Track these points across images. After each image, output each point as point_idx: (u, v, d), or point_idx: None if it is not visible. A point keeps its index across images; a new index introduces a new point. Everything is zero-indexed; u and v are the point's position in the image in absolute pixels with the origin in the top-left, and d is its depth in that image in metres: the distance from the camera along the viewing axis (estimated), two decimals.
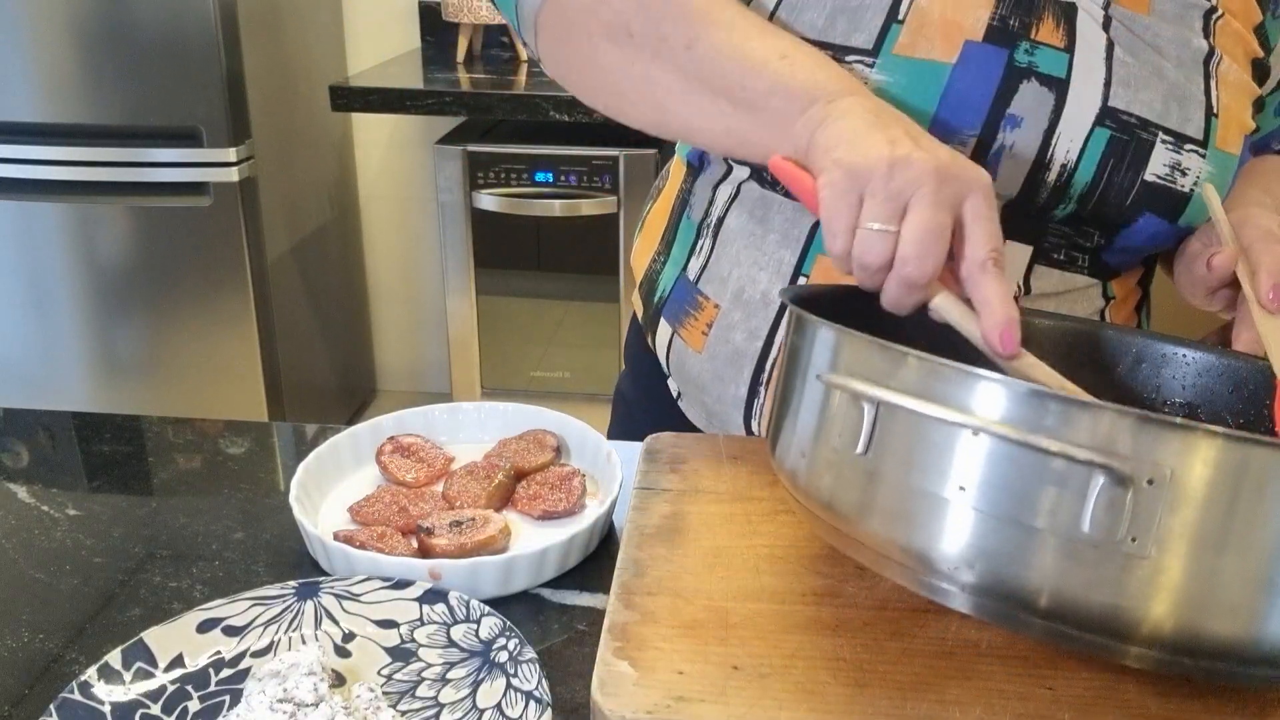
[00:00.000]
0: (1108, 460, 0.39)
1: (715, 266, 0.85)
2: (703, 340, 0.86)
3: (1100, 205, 0.74)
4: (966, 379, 0.43)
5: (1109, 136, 0.72)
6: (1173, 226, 0.75)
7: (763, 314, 0.82)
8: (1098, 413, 0.40)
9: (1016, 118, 0.72)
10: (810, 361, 0.52)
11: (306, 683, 0.51)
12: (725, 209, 0.85)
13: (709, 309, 0.85)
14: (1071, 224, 0.76)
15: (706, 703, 0.49)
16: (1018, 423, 0.42)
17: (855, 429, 0.47)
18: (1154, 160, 0.73)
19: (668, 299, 0.89)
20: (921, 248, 0.57)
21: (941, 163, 0.58)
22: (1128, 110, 0.72)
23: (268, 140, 2.22)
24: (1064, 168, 0.72)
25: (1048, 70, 0.72)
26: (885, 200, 0.58)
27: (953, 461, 0.44)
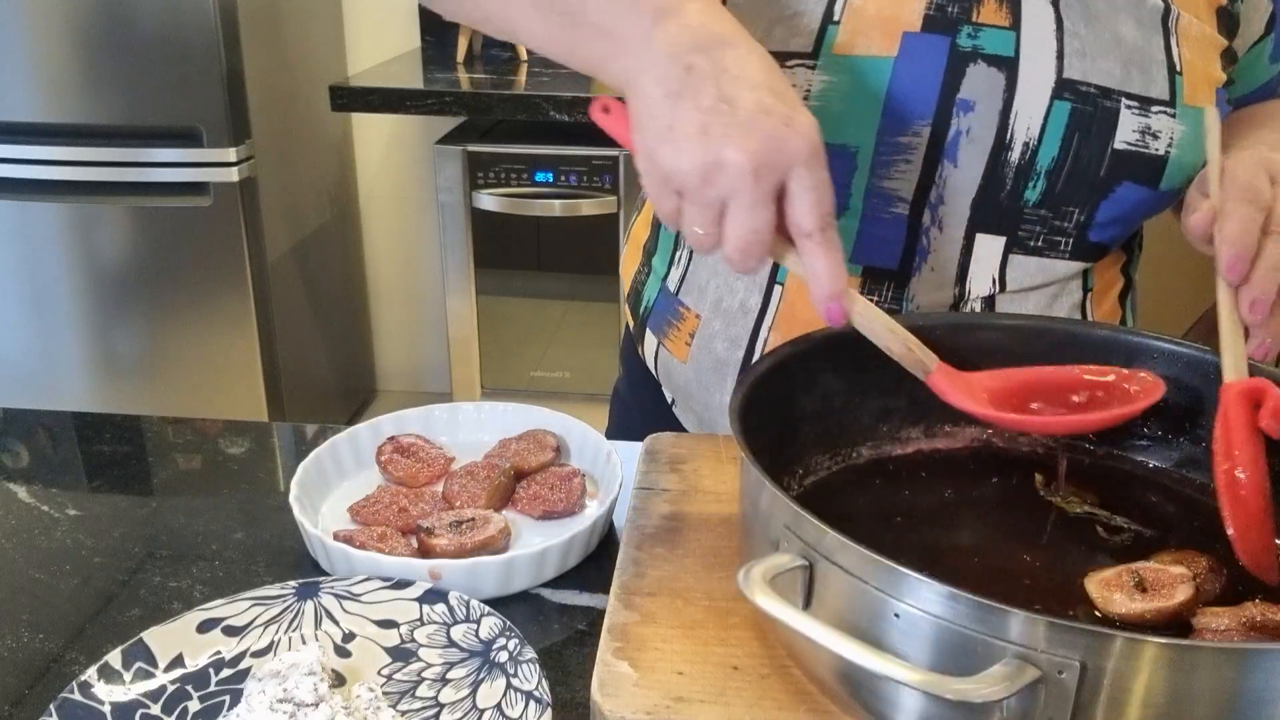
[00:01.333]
0: (1025, 654, 0.41)
1: (694, 277, 0.86)
2: (687, 350, 0.86)
3: (1072, 180, 0.73)
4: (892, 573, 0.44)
5: (1070, 109, 0.72)
6: (1155, 192, 0.74)
7: (742, 322, 0.83)
8: (1013, 617, 0.41)
9: (969, 102, 0.72)
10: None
11: (306, 683, 0.51)
12: None
13: (690, 319, 0.86)
14: (1047, 206, 0.74)
15: (706, 703, 0.49)
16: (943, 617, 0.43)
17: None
18: (1122, 127, 0.72)
19: (652, 310, 0.90)
20: (742, 252, 0.56)
21: (756, 154, 0.54)
22: (1085, 80, 0.71)
23: (268, 140, 2.22)
24: (1027, 145, 0.72)
25: (995, 50, 0.71)
26: (703, 208, 0.56)
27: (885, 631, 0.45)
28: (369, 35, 2.59)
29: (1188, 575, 0.53)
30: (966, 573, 0.56)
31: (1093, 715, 0.41)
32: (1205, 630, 0.50)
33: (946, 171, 0.73)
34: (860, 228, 0.76)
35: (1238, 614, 0.50)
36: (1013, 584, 0.55)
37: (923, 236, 0.76)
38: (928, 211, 0.75)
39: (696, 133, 0.55)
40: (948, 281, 0.77)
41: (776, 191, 0.55)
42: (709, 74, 0.56)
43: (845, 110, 0.72)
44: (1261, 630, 0.50)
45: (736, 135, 0.54)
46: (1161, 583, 0.52)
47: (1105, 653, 0.40)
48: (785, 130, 0.55)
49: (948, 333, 0.66)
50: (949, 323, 0.66)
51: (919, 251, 0.76)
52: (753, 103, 0.55)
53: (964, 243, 0.76)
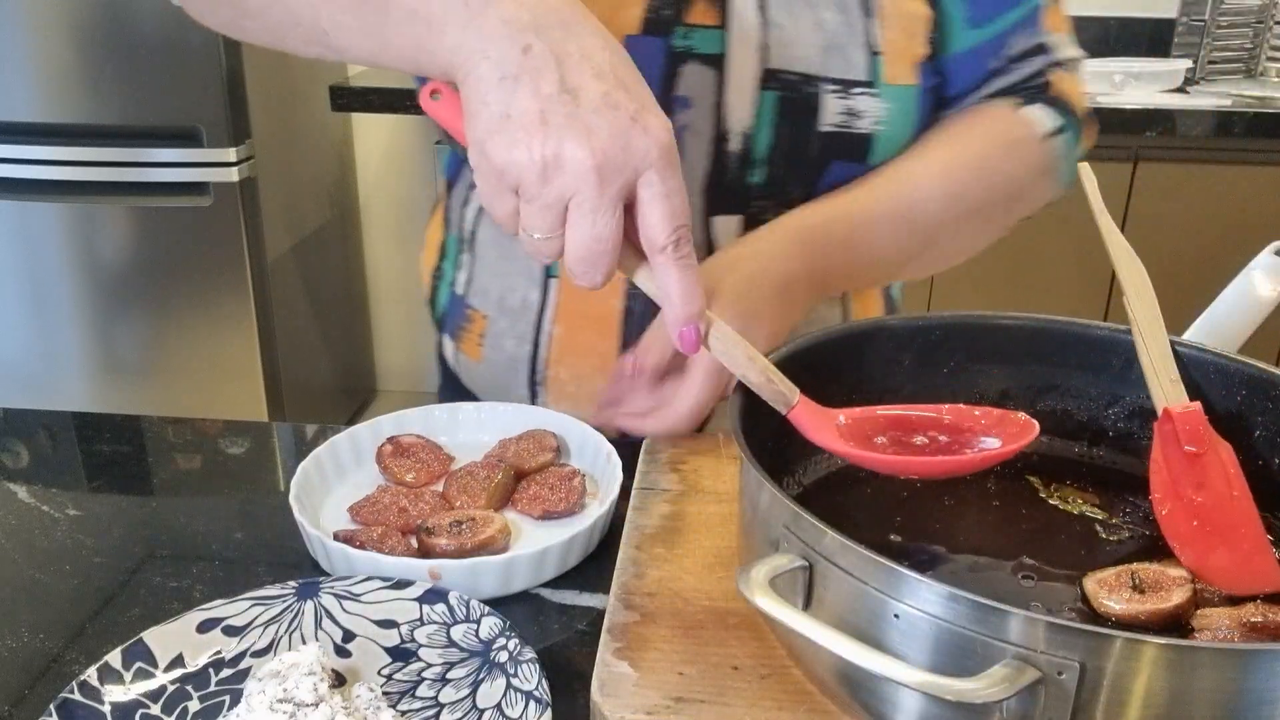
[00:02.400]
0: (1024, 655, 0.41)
1: (478, 279, 0.88)
2: (480, 351, 0.89)
3: (789, 163, 0.77)
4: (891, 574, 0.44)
5: (777, 98, 0.75)
6: (865, 166, 0.78)
7: (525, 319, 0.85)
8: (1012, 617, 0.41)
9: (685, 99, 0.75)
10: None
11: (306, 683, 0.51)
12: (475, 223, 0.89)
13: (479, 320, 0.88)
14: (771, 187, 0.78)
15: (706, 703, 0.49)
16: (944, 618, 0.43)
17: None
18: (825, 111, 0.75)
19: (446, 315, 0.92)
20: (587, 263, 0.52)
21: (600, 151, 0.49)
22: (787, 69, 0.74)
23: (268, 140, 2.22)
24: (743, 136, 0.76)
25: (705, 50, 0.74)
26: (542, 209, 0.51)
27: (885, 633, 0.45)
28: None
29: (1186, 577, 0.53)
30: (966, 573, 0.57)
31: (1092, 716, 0.41)
32: (1205, 631, 0.50)
33: None
34: None
35: (1237, 614, 0.50)
36: (1012, 584, 0.55)
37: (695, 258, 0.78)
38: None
39: (535, 123, 0.49)
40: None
41: (624, 196, 0.51)
42: (550, 58, 0.51)
43: None
44: (1261, 631, 0.50)
45: (579, 128, 0.49)
46: (1160, 584, 0.52)
47: (1105, 653, 0.40)
48: (633, 128, 0.50)
49: (946, 334, 0.66)
50: (946, 323, 0.66)
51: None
52: (599, 94, 0.50)
53: (704, 228, 0.80)
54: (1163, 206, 2.24)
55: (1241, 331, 0.80)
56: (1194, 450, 0.56)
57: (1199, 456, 0.57)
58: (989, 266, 2.36)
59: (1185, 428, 0.57)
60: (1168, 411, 0.58)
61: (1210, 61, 2.53)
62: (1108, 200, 0.67)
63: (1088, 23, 2.75)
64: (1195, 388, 0.62)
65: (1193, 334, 0.82)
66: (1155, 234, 2.24)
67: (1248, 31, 2.51)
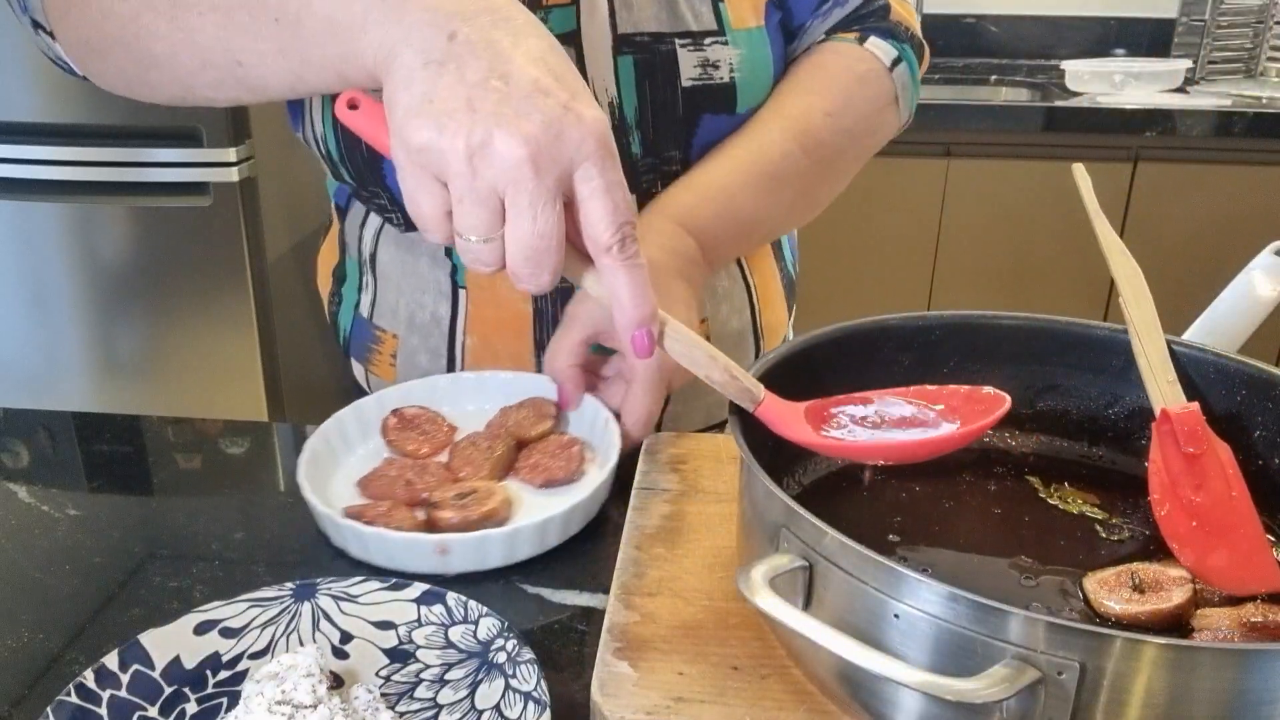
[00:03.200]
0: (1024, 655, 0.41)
1: (383, 300, 0.88)
2: (392, 371, 0.90)
3: (660, 126, 0.77)
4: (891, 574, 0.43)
5: (633, 61, 0.76)
6: (733, 116, 0.79)
7: (437, 333, 0.86)
8: (1012, 617, 0.41)
9: None
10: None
11: (305, 684, 0.51)
12: (374, 244, 0.89)
13: (389, 340, 0.89)
14: (651, 155, 0.79)
15: (706, 703, 0.49)
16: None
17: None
18: (683, 66, 0.76)
19: (351, 338, 0.93)
20: (532, 262, 0.49)
21: (533, 140, 0.46)
22: (637, 31, 0.76)
23: (268, 140, 2.22)
24: (611, 105, 0.76)
25: (561, 29, 0.75)
26: (476, 204, 0.48)
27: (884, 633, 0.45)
28: None
29: (1186, 577, 0.53)
30: (966, 573, 0.56)
31: (1092, 716, 0.41)
32: (1205, 631, 0.50)
33: None
34: None
35: (1237, 614, 0.50)
36: (1012, 584, 0.55)
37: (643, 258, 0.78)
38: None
39: (461, 108, 0.47)
40: None
41: (562, 189, 0.48)
42: (477, 45, 0.48)
43: None
44: (1261, 631, 0.50)
45: (509, 115, 0.46)
46: (1160, 584, 0.52)
47: (1105, 653, 0.40)
48: (566, 116, 0.47)
49: (946, 334, 0.66)
50: (946, 323, 0.66)
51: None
52: (529, 81, 0.47)
53: None
54: (1163, 206, 2.24)
55: (1241, 331, 0.80)
56: (1192, 451, 0.56)
57: (1197, 457, 0.56)
58: (989, 266, 2.36)
59: (1184, 428, 0.57)
60: (1165, 412, 0.58)
61: (1210, 61, 2.53)
62: (1107, 200, 0.67)
63: (1088, 22, 2.75)
64: (1195, 388, 0.62)
65: (1193, 334, 0.82)
66: (1155, 234, 2.24)
67: (1248, 31, 2.51)
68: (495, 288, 0.84)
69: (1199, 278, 1.46)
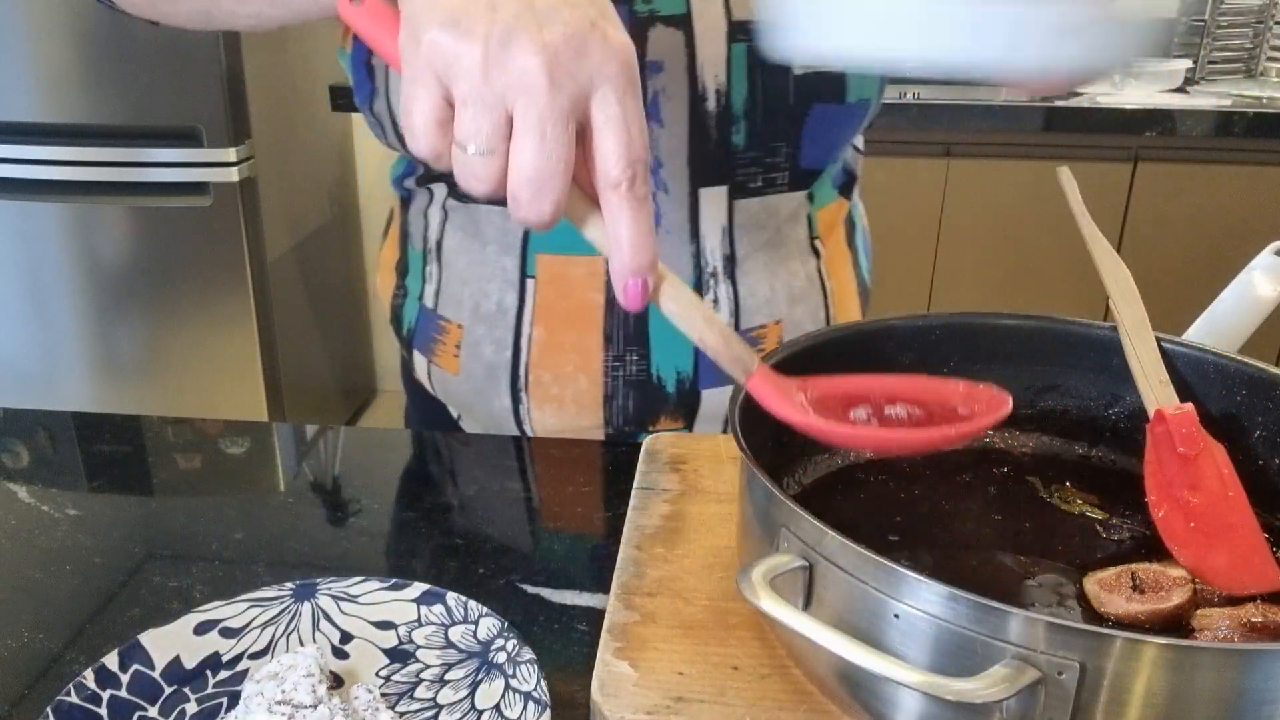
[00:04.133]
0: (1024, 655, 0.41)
1: (447, 289, 0.86)
2: (456, 362, 0.87)
3: (769, 115, 0.76)
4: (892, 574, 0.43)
5: (747, 49, 0.75)
6: (844, 105, 0.78)
7: (503, 323, 0.84)
8: (1012, 617, 0.41)
9: (657, 63, 0.74)
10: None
11: (305, 684, 0.51)
12: (440, 232, 0.87)
13: (453, 331, 0.86)
14: (755, 146, 0.78)
15: (706, 703, 0.49)
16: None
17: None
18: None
19: (415, 331, 0.90)
20: (534, 185, 0.45)
21: (552, 49, 0.43)
22: (754, 19, 0.74)
23: (268, 140, 2.22)
24: (719, 93, 0.75)
25: (669, 11, 0.74)
26: (481, 111, 0.44)
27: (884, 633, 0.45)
28: None
29: (1186, 578, 0.53)
30: (966, 573, 0.56)
31: (1092, 716, 0.41)
32: (1205, 631, 0.50)
33: (655, 133, 0.76)
34: None
35: (1237, 615, 0.50)
36: (1012, 584, 0.55)
37: (651, 203, 0.77)
38: (650, 177, 0.77)
39: (482, 6, 0.43)
40: (684, 241, 0.80)
41: (577, 112, 0.44)
42: None
43: None
44: (1261, 631, 0.50)
45: (531, 21, 0.43)
46: (1160, 584, 0.52)
47: (1105, 653, 0.40)
48: (592, 33, 0.44)
49: (946, 334, 0.66)
50: (946, 323, 0.66)
51: (654, 218, 0.79)
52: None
53: (690, 201, 0.79)
54: (1163, 206, 2.24)
55: (1241, 332, 0.80)
56: (1186, 452, 0.56)
57: (1193, 458, 0.56)
58: (989, 266, 2.36)
59: (1179, 430, 0.57)
60: (1160, 413, 0.58)
61: (1210, 61, 2.53)
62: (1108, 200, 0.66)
63: None
64: (1194, 388, 0.62)
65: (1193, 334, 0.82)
66: (1155, 234, 2.24)
67: (1248, 31, 2.51)
68: (565, 277, 0.82)
69: (1199, 278, 1.46)
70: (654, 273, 0.48)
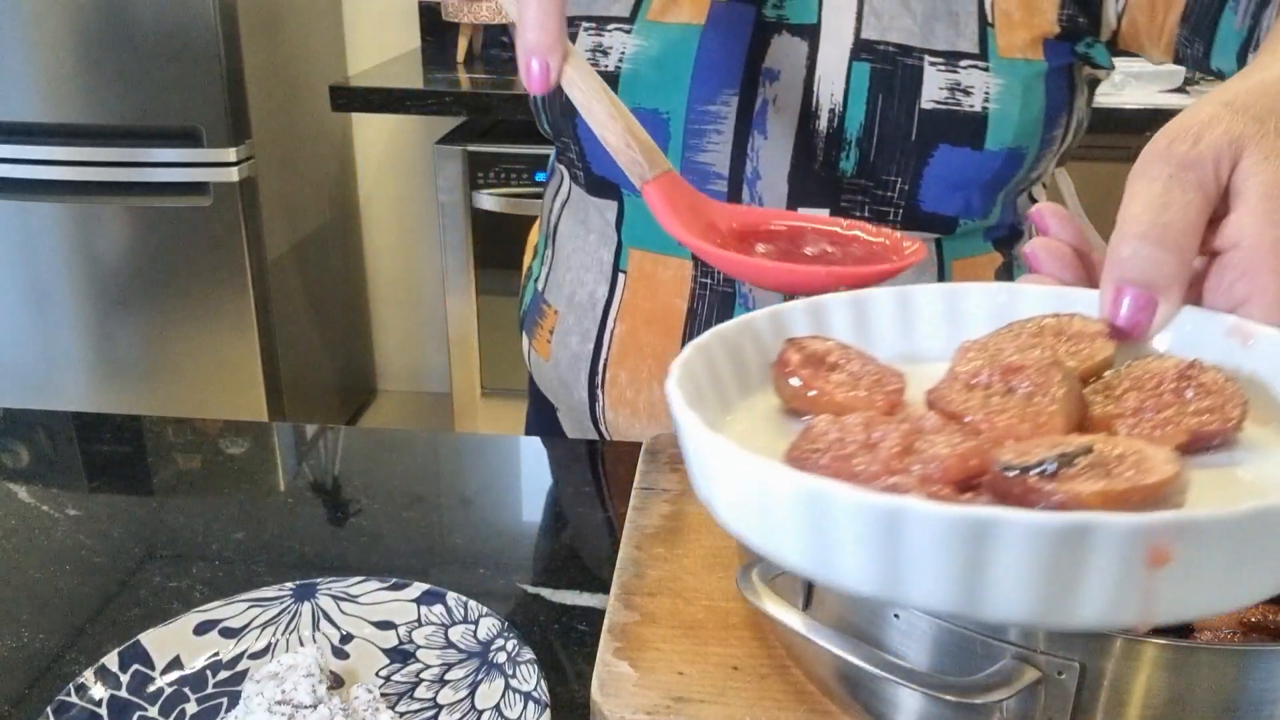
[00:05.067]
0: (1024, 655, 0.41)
1: (555, 274, 0.86)
2: (548, 348, 0.86)
3: (884, 146, 0.71)
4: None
5: (869, 70, 0.70)
6: (980, 153, 0.71)
7: (590, 315, 0.83)
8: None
9: (774, 71, 0.71)
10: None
11: (305, 684, 0.51)
12: (559, 215, 0.86)
13: (551, 316, 0.86)
14: (865, 175, 0.73)
15: (706, 703, 0.49)
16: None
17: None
18: (927, 85, 0.69)
19: (527, 313, 0.90)
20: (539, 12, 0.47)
21: None
22: (883, 40, 0.70)
23: (268, 140, 2.22)
24: (832, 112, 0.71)
25: (798, 20, 0.71)
26: None
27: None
28: (369, 35, 2.59)
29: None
30: None
31: (1092, 716, 0.41)
32: (1205, 631, 0.50)
33: (758, 143, 0.73)
34: None
35: (1237, 615, 0.50)
36: None
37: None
38: (745, 188, 0.74)
39: None
40: None
41: None
42: None
43: (656, 76, 0.73)
44: (1262, 631, 0.50)
45: None
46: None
47: (1105, 653, 0.40)
48: None
49: None
50: None
51: None
52: None
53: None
54: None
55: None
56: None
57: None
58: None
59: None
60: None
61: None
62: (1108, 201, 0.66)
63: None
64: None
65: None
66: None
67: None
68: (654, 277, 0.80)
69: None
70: (556, 54, 0.48)
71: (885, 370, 0.43)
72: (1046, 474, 0.31)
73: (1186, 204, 0.40)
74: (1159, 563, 0.28)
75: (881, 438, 0.35)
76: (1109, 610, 0.29)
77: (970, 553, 0.28)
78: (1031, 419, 0.36)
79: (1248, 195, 0.40)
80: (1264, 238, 0.40)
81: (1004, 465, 0.32)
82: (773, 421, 0.42)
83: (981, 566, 0.28)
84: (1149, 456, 0.32)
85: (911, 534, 0.29)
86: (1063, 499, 0.30)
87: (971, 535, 0.28)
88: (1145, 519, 0.27)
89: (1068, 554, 0.28)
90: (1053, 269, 0.46)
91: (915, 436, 0.35)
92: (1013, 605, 0.29)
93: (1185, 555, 0.28)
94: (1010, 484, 0.32)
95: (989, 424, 0.37)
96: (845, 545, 0.30)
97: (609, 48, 0.72)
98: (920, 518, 0.28)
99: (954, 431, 0.36)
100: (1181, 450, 0.36)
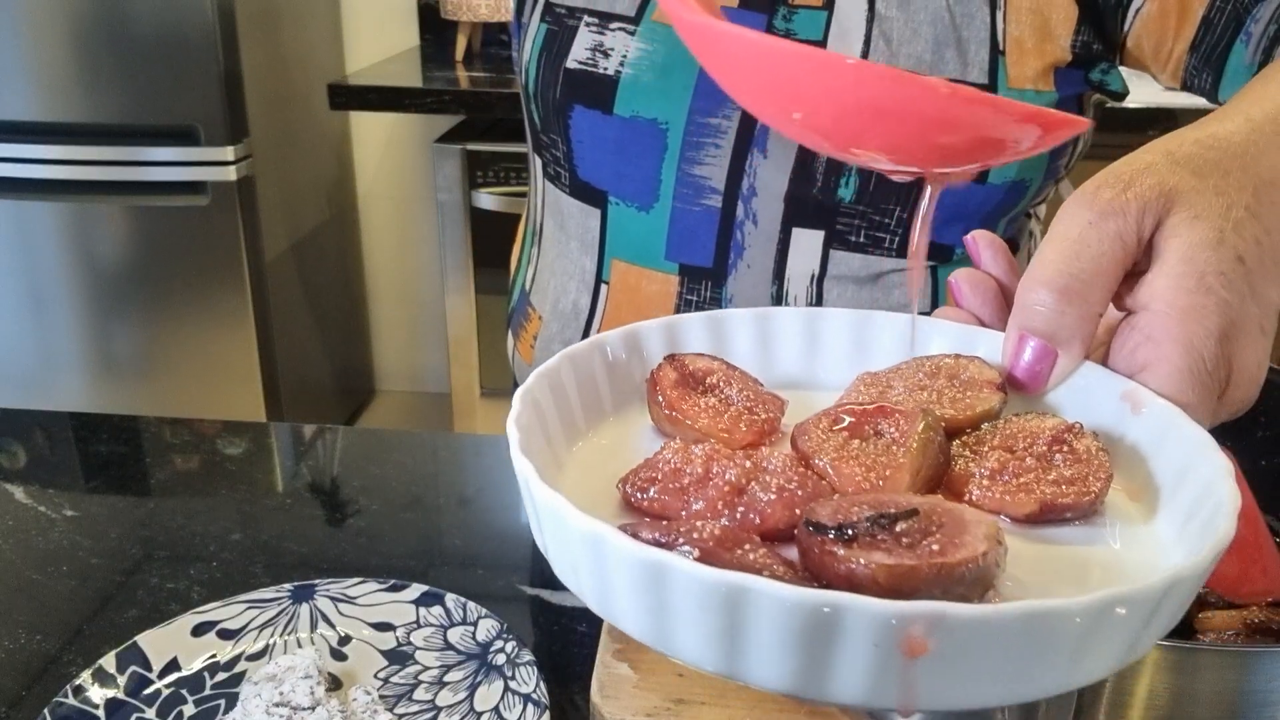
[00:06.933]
0: None
1: (540, 277, 0.85)
2: (531, 353, 0.85)
3: (885, 178, 0.68)
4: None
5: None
6: (983, 186, 0.69)
7: (574, 325, 0.82)
8: None
9: None
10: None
11: (303, 686, 0.51)
12: (541, 214, 0.85)
13: (535, 321, 0.85)
14: (865, 203, 0.72)
15: (706, 705, 0.48)
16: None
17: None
18: None
19: (513, 312, 0.89)
20: None
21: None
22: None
23: (265, 139, 2.22)
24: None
25: (805, 35, 0.69)
26: None
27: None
28: (367, 34, 2.59)
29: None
30: None
31: (1094, 716, 0.41)
32: (1207, 632, 0.50)
33: (756, 161, 0.72)
34: (671, 220, 0.75)
35: (1239, 616, 0.50)
36: None
37: (736, 232, 0.74)
38: (740, 205, 0.73)
39: None
40: (765, 279, 0.75)
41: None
42: None
43: (658, 83, 0.71)
44: (1263, 633, 0.50)
45: None
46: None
47: None
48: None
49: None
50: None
51: (733, 248, 0.74)
52: None
53: (780, 238, 0.74)
54: None
55: None
56: None
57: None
58: None
59: None
60: None
61: None
62: None
63: None
64: None
65: None
66: None
67: None
68: (638, 290, 0.79)
69: None
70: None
71: (764, 397, 0.42)
72: (845, 538, 0.30)
73: (1099, 255, 0.39)
74: (915, 653, 0.27)
75: (719, 474, 0.35)
76: (868, 693, 0.28)
77: (727, 619, 0.28)
78: (879, 470, 0.36)
79: (1167, 256, 0.39)
80: (1174, 305, 0.38)
81: (810, 522, 0.31)
82: (640, 440, 0.41)
83: (738, 633, 0.28)
84: (967, 529, 0.31)
85: (674, 594, 0.28)
86: (850, 569, 0.29)
87: (728, 601, 0.27)
88: (897, 607, 0.26)
89: (820, 632, 0.27)
90: (973, 303, 0.45)
91: (755, 475, 0.35)
92: (770, 675, 0.29)
93: (944, 649, 0.27)
94: (810, 542, 0.31)
95: (836, 471, 0.36)
96: (622, 592, 0.30)
97: (610, 49, 0.72)
98: (683, 578, 0.28)
99: (793, 476, 0.35)
100: (1032, 520, 0.35)
